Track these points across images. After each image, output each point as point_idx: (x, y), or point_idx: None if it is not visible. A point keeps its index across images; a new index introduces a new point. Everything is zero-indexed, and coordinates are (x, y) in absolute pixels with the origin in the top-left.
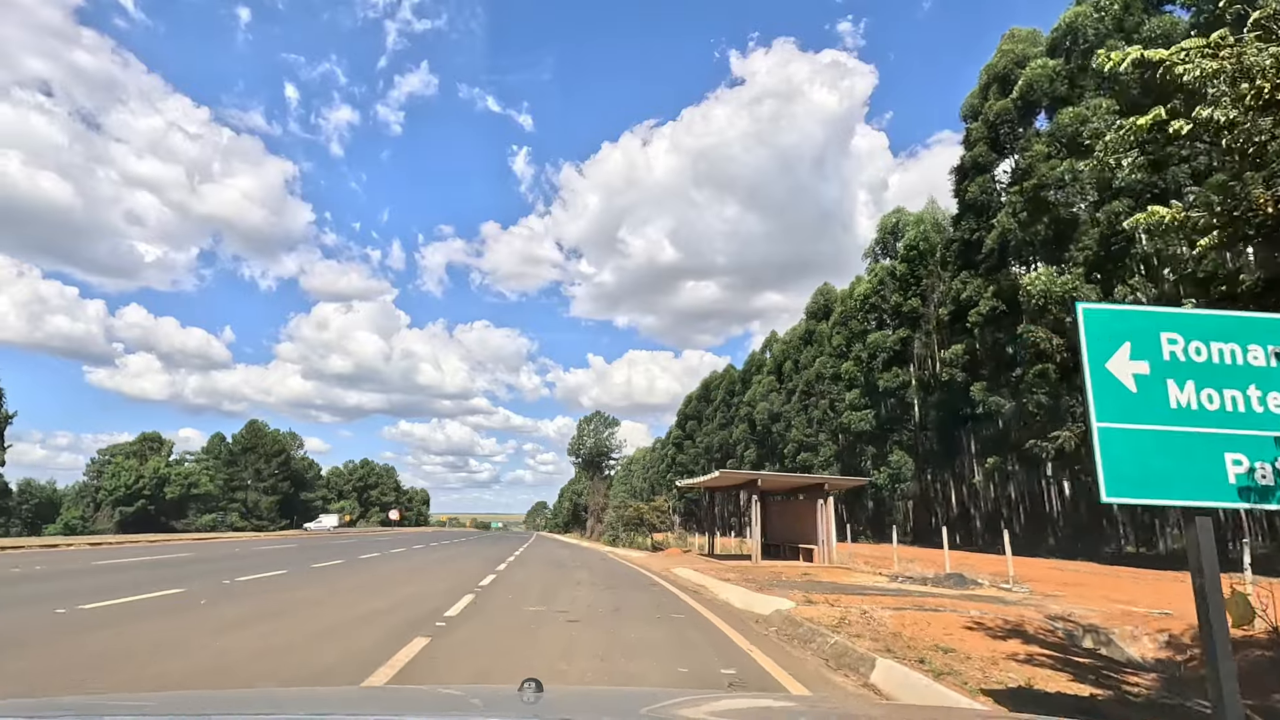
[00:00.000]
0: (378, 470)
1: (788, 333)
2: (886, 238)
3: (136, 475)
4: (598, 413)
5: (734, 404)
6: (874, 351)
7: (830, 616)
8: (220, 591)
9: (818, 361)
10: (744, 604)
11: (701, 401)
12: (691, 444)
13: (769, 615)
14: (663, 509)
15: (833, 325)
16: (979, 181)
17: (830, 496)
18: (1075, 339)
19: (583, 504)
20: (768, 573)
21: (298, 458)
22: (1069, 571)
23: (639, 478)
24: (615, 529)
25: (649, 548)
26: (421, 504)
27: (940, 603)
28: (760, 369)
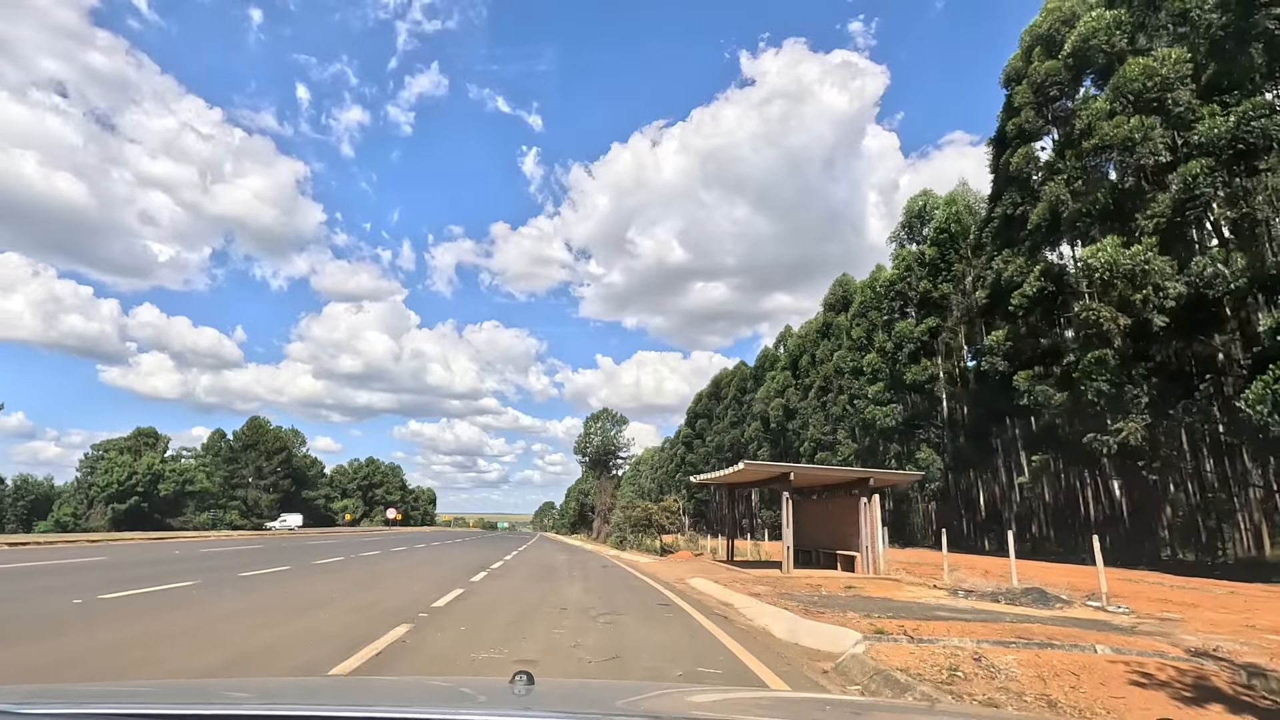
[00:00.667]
0: (383, 469)
1: (803, 326)
2: (913, 221)
3: (129, 471)
4: (605, 410)
5: (746, 402)
6: (900, 342)
7: (931, 664)
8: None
9: (836, 355)
10: (790, 634)
11: (712, 400)
12: (701, 443)
13: (840, 659)
14: (672, 509)
15: (852, 317)
16: (1022, 152)
17: (875, 495)
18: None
19: (589, 504)
20: (804, 585)
21: (299, 455)
22: (1154, 585)
23: (647, 478)
24: (622, 530)
25: (657, 551)
26: (428, 503)
27: (1048, 633)
28: (774, 365)
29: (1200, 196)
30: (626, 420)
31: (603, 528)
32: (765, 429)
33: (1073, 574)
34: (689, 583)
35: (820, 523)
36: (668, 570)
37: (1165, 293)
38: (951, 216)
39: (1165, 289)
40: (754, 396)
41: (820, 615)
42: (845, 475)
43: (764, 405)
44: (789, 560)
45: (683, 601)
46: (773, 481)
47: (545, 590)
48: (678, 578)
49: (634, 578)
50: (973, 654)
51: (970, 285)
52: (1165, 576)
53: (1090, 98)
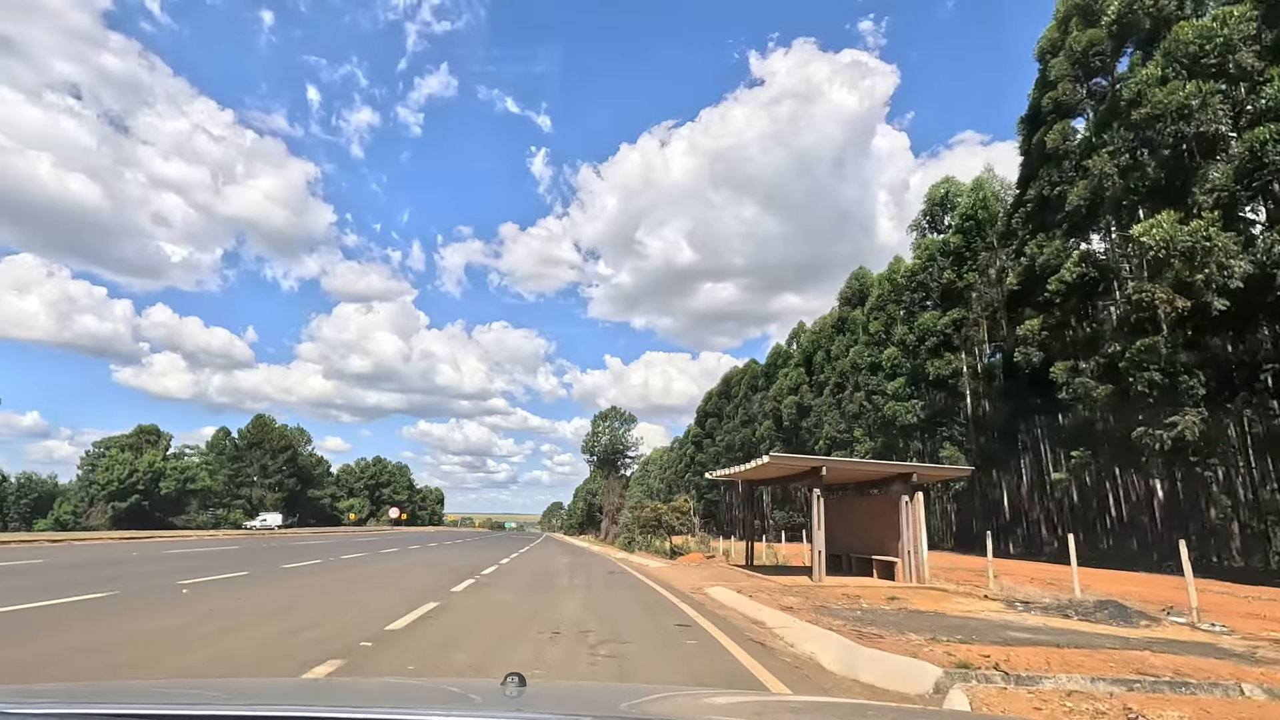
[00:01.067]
0: (390, 468)
1: (817, 322)
2: (935, 210)
3: (130, 469)
4: (613, 408)
5: (757, 400)
6: (923, 335)
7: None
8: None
9: (852, 350)
10: (845, 666)
11: (722, 398)
12: (711, 442)
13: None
14: (683, 510)
15: (869, 311)
16: (1059, 128)
17: (918, 492)
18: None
19: (597, 504)
20: (840, 596)
21: (305, 454)
22: (1223, 595)
23: (656, 478)
24: (631, 531)
25: (667, 553)
26: (435, 503)
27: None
28: (786, 362)
29: (1268, 165)
30: (635, 419)
31: (611, 528)
32: (778, 427)
33: (1126, 581)
34: (708, 592)
35: (852, 524)
36: (682, 577)
37: (1230, 271)
38: (978, 203)
39: (1230, 268)
40: (765, 395)
41: (877, 640)
42: (884, 470)
43: (776, 403)
44: (820, 566)
45: (705, 620)
46: (800, 478)
47: (537, 605)
48: (695, 586)
49: (645, 586)
50: (1122, 709)
51: (996, 275)
52: (1227, 585)
53: (1138, 65)
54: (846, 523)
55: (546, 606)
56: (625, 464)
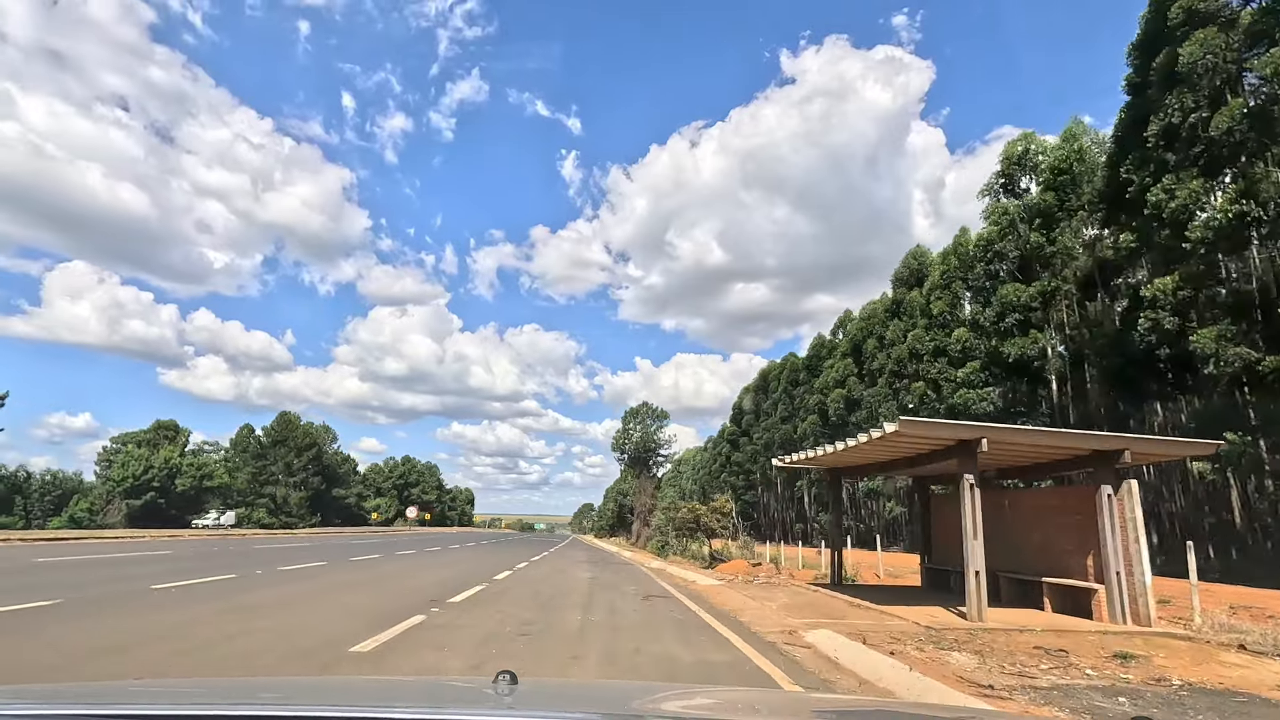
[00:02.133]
0: (419, 468)
1: (866, 308)
2: (1012, 170)
3: (145, 465)
4: (644, 405)
5: (798, 395)
6: (1002, 311)
7: None
8: None
9: (910, 336)
10: None
11: (759, 394)
12: (748, 440)
13: None
14: (724, 511)
15: (930, 291)
16: (1200, 37)
17: (1128, 482)
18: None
19: (628, 505)
20: (1032, 651)
21: (330, 452)
22: None
23: (689, 479)
24: (664, 534)
25: (705, 558)
26: (465, 504)
27: None
28: (831, 352)
29: None
30: (667, 415)
31: (642, 530)
32: (823, 422)
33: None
34: (814, 643)
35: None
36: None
37: None
38: (1072, 155)
39: None
40: (808, 389)
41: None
42: (1074, 445)
43: (821, 397)
44: (979, 597)
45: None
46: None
47: (523, 652)
48: (784, 626)
49: (705, 629)
50: None
51: (1092, 238)
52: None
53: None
54: (999, 527)
55: (535, 662)
56: (657, 463)
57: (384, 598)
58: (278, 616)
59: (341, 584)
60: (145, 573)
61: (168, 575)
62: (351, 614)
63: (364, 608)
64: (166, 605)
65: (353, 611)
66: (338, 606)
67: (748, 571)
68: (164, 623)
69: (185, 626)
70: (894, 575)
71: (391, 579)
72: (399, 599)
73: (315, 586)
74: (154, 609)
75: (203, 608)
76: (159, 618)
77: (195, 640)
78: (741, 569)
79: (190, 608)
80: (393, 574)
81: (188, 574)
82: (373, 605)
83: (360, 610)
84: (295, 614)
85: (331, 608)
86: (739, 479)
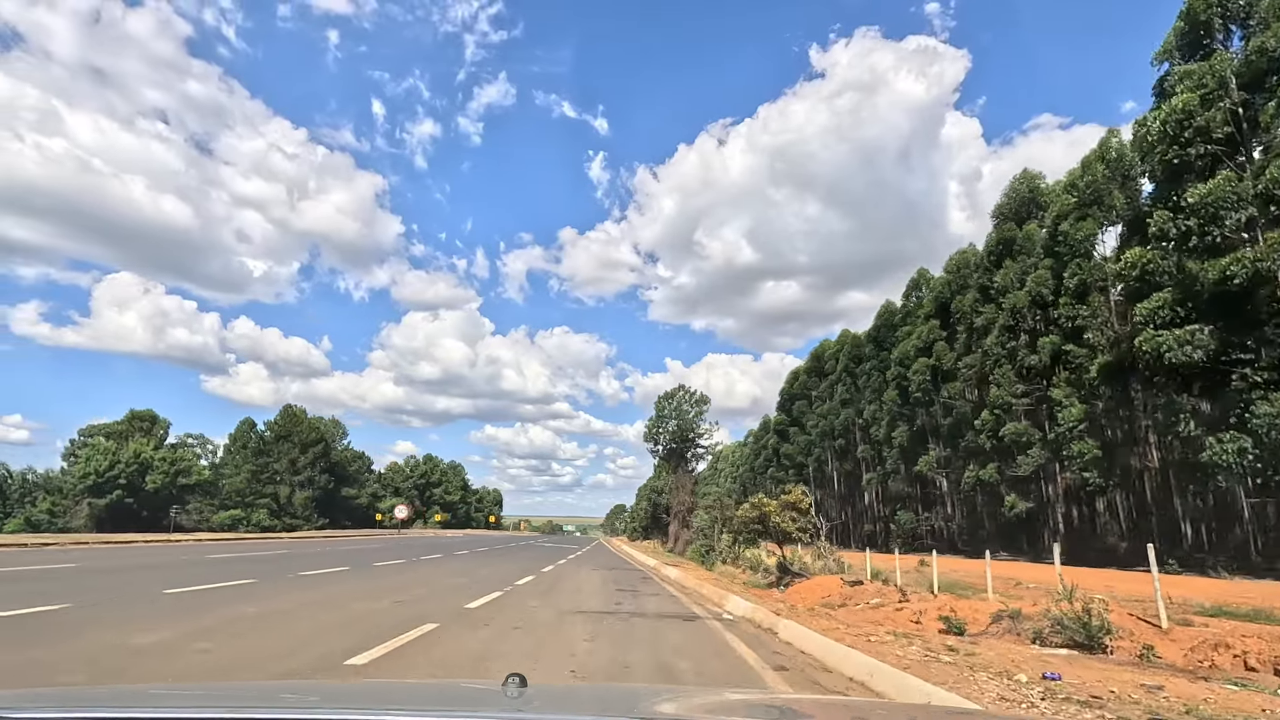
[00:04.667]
0: (442, 467)
1: (955, 258)
2: (1210, 17)
3: (111, 460)
4: (680, 388)
5: (863, 373)
6: (1216, 208)
7: None
8: None
9: (1031, 278)
10: None
11: (812, 376)
12: (800, 430)
13: None
14: (801, 506)
15: (1060, 216)
16: None
17: None
18: None
19: (663, 504)
20: None
21: (339, 448)
22: None
23: (727, 477)
24: (709, 537)
25: (768, 571)
26: (493, 504)
27: None
28: (907, 319)
29: None
30: (708, 401)
31: (680, 533)
32: (903, 399)
33: None
34: None
35: None
36: None
37: None
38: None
39: None
40: (875, 364)
41: None
42: None
43: (900, 369)
44: None
45: None
46: None
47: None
48: None
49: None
50: None
51: None
52: None
53: None
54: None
55: None
56: (696, 455)
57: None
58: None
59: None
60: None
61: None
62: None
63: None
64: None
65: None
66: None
67: (843, 593)
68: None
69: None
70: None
71: (342, 605)
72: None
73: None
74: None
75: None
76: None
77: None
78: (833, 590)
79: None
80: (340, 601)
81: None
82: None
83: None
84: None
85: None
86: (789, 473)
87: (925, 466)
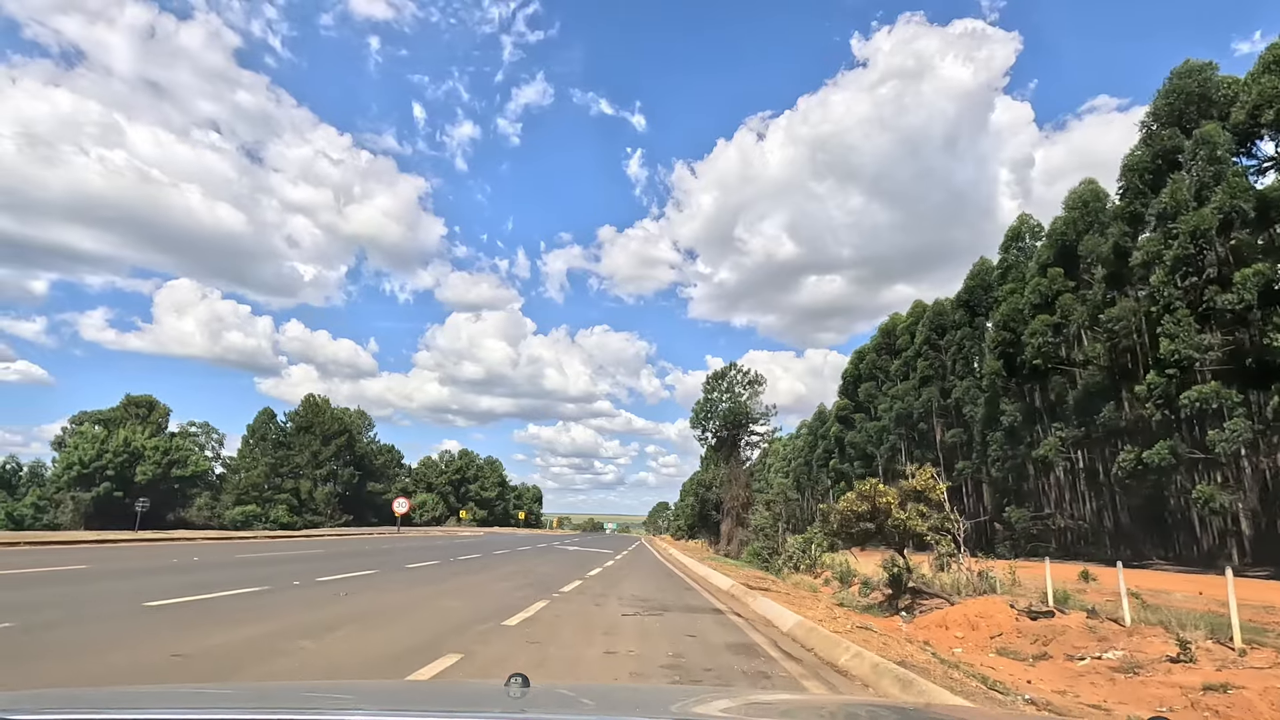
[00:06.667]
0: (478, 463)
1: (1074, 194)
2: None
3: (99, 449)
4: (731, 365)
5: (951, 344)
6: None
7: None
8: None
9: (1221, 189)
10: None
11: (882, 355)
12: (868, 416)
13: None
14: (933, 496)
15: (1257, 108)
16: None
17: None
18: None
19: (712, 499)
20: None
21: (364, 441)
22: None
23: (776, 472)
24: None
25: (873, 585)
26: (533, 501)
27: None
28: (1008, 274)
29: None
30: (763, 380)
31: (734, 533)
32: (1008, 370)
33: None
34: None
35: None
36: None
37: None
38: None
39: None
40: (968, 333)
41: None
42: None
43: (1006, 334)
44: None
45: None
46: None
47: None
48: None
49: None
50: None
51: None
52: None
53: None
54: None
55: None
56: (752, 444)
57: None
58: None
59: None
60: None
61: None
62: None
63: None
64: None
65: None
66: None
67: (1024, 630)
68: None
69: None
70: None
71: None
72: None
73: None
74: None
75: None
76: None
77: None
78: (1003, 623)
79: None
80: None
81: None
82: None
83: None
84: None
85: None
86: (854, 465)
87: (1049, 450)
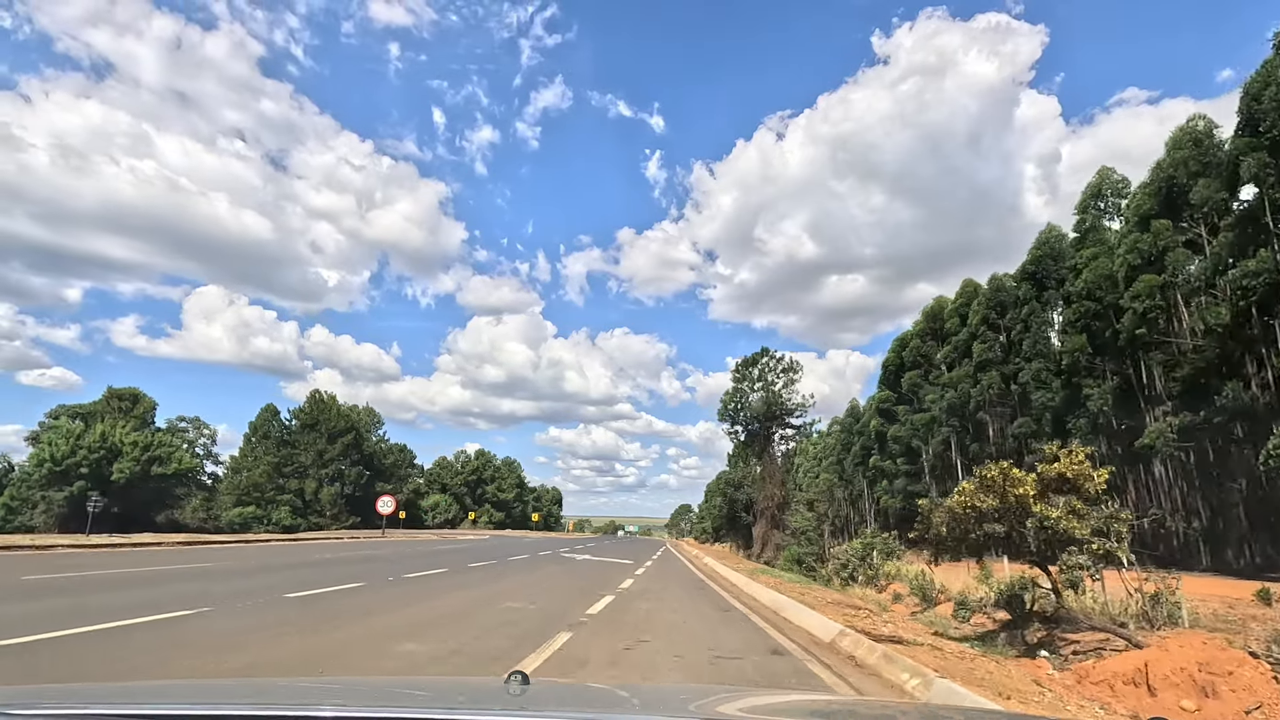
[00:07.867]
0: (495, 464)
1: (1183, 129)
2: None
3: (72, 445)
4: (764, 350)
5: (1015, 322)
6: None
7: None
8: None
9: None
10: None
11: (928, 340)
12: (911, 408)
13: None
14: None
15: None
16: None
17: None
18: None
19: (742, 499)
20: None
21: (373, 440)
22: None
23: (805, 472)
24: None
25: (970, 607)
26: (552, 504)
27: None
28: (1086, 237)
29: None
30: (799, 367)
31: (769, 536)
32: (1093, 348)
33: None
34: None
35: None
36: None
37: None
38: None
39: None
40: (1033, 308)
41: None
42: None
43: (1090, 304)
44: None
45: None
46: None
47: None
48: None
49: None
50: None
51: None
52: None
53: None
54: None
55: None
56: (786, 439)
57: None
58: None
59: None
60: None
61: None
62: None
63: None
64: None
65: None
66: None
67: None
68: None
69: None
70: None
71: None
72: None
73: None
74: None
75: None
76: None
77: None
78: (1259, 689)
79: None
80: None
81: None
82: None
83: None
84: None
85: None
86: (897, 463)
87: (1155, 438)
